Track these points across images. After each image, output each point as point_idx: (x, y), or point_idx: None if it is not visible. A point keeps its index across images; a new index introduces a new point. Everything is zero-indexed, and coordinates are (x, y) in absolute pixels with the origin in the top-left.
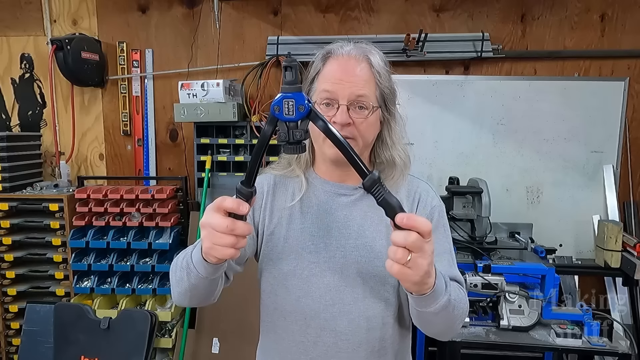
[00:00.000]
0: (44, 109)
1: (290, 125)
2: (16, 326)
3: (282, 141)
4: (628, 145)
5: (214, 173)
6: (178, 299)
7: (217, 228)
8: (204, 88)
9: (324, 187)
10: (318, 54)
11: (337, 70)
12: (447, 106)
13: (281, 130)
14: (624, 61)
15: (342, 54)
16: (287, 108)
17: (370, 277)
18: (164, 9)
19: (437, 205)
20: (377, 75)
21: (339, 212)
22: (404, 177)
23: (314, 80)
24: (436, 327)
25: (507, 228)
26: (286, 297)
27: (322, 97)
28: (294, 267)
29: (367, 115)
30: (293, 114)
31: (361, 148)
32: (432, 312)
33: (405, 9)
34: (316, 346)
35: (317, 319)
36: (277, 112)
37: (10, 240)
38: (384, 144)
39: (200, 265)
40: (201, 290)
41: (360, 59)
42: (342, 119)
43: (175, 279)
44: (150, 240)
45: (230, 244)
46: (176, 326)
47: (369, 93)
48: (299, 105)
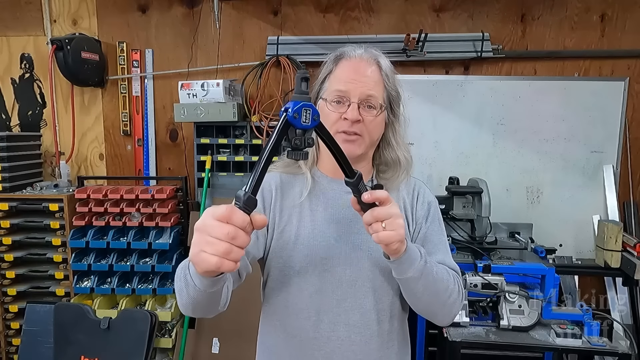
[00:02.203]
0: (44, 109)
1: (298, 133)
2: (16, 326)
3: (289, 146)
4: (628, 145)
5: (214, 173)
6: (182, 309)
7: (213, 233)
8: (204, 88)
9: (331, 185)
10: (330, 55)
11: (349, 71)
12: (447, 106)
13: (291, 136)
14: (624, 61)
15: (355, 56)
16: (305, 116)
17: (380, 270)
18: (164, 9)
19: (433, 200)
20: (386, 78)
21: (345, 209)
22: (408, 176)
23: (325, 80)
24: (423, 300)
25: (507, 228)
26: (298, 294)
27: (334, 95)
28: (306, 264)
29: (376, 114)
30: (309, 122)
31: (367, 146)
32: (413, 278)
33: (405, 9)
34: (330, 341)
35: (330, 314)
36: (296, 118)
37: (10, 240)
38: (389, 145)
39: (196, 277)
40: (203, 303)
41: (371, 62)
42: (353, 115)
43: (177, 290)
44: (150, 240)
45: (222, 252)
46: (176, 326)
47: (377, 94)
48: (315, 115)
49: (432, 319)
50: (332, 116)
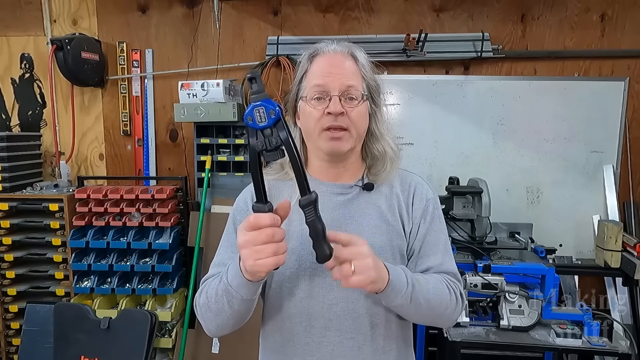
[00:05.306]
0: (44, 109)
1: (267, 133)
2: (16, 326)
3: (260, 149)
4: (628, 145)
5: (214, 173)
6: (217, 331)
7: (258, 241)
8: (204, 88)
9: (319, 188)
10: (304, 54)
11: (325, 65)
12: (447, 106)
13: (258, 139)
14: (624, 61)
15: (329, 51)
16: (259, 116)
17: None
18: (164, 9)
19: (432, 197)
20: (363, 69)
21: (336, 211)
22: (396, 168)
23: (302, 80)
24: (417, 317)
25: (507, 228)
26: (290, 298)
27: (313, 91)
28: (296, 269)
29: (357, 104)
30: (266, 121)
31: (354, 140)
32: (402, 305)
33: (405, 9)
34: (321, 346)
35: (321, 319)
36: (251, 122)
37: (10, 240)
38: (373, 136)
39: (242, 288)
40: (244, 313)
41: (346, 54)
42: (336, 108)
43: (214, 312)
44: (150, 240)
45: (273, 252)
46: (176, 326)
47: (357, 84)
48: (270, 110)
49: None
50: (315, 113)
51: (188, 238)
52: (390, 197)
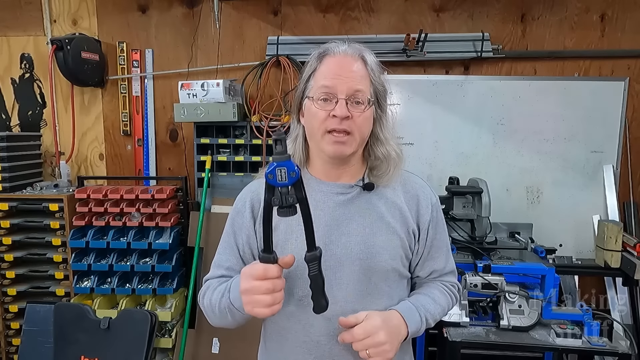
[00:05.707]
0: (44, 109)
1: (283, 191)
2: (16, 326)
3: (275, 205)
4: (628, 145)
5: (214, 173)
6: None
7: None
8: (204, 88)
9: (320, 188)
10: (313, 53)
11: (334, 67)
12: (447, 106)
13: (275, 195)
14: (624, 61)
15: (339, 52)
16: (280, 175)
17: (372, 272)
18: (164, 9)
19: (435, 201)
20: (372, 73)
21: (337, 211)
22: (399, 171)
23: (309, 79)
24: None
25: (507, 228)
26: (289, 298)
27: (320, 92)
28: (294, 268)
29: (364, 109)
30: (286, 180)
31: (357, 144)
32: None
33: (405, 9)
34: (319, 345)
35: (319, 318)
36: (272, 179)
37: (10, 240)
38: (378, 140)
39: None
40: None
41: (356, 57)
42: (342, 112)
43: (218, 317)
44: (150, 240)
45: (270, 304)
46: (176, 326)
47: (365, 89)
48: (291, 172)
49: None
50: (320, 114)
51: (188, 238)
52: (391, 198)
